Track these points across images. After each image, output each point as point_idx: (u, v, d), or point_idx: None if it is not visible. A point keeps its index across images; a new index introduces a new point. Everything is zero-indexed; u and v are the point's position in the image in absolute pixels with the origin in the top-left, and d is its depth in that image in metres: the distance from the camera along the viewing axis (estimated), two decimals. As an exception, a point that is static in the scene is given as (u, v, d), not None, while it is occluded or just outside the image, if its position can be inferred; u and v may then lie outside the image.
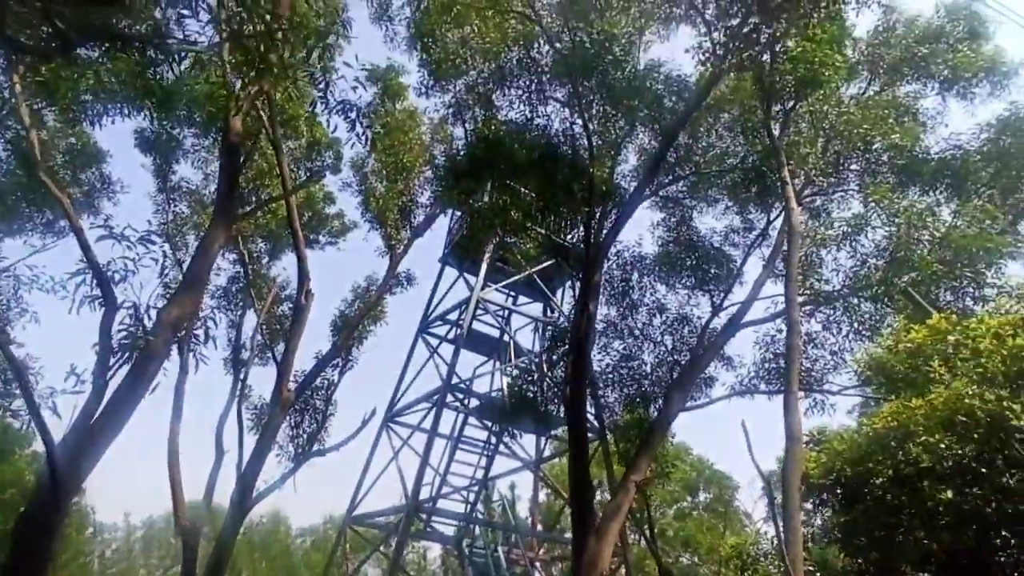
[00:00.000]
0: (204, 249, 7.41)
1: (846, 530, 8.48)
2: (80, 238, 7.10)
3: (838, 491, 8.59)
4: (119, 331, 6.56)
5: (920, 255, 10.73)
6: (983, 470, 6.57)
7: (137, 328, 6.82)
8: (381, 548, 16.08)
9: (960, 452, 6.71)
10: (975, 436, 6.70)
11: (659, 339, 15.68)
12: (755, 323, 13.31)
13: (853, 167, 13.13)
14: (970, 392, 6.80)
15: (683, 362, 14.45)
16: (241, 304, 14.38)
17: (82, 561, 19.91)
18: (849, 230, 12.12)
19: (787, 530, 7.55)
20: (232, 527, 10.62)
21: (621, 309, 16.07)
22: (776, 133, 11.51)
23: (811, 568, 8.77)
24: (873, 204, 11.60)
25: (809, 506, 9.22)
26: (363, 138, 8.34)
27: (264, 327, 13.80)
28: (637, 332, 15.96)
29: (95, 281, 6.75)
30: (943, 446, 6.75)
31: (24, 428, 11.65)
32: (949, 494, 6.50)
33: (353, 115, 8.04)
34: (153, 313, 6.89)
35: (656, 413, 13.17)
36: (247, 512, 10.99)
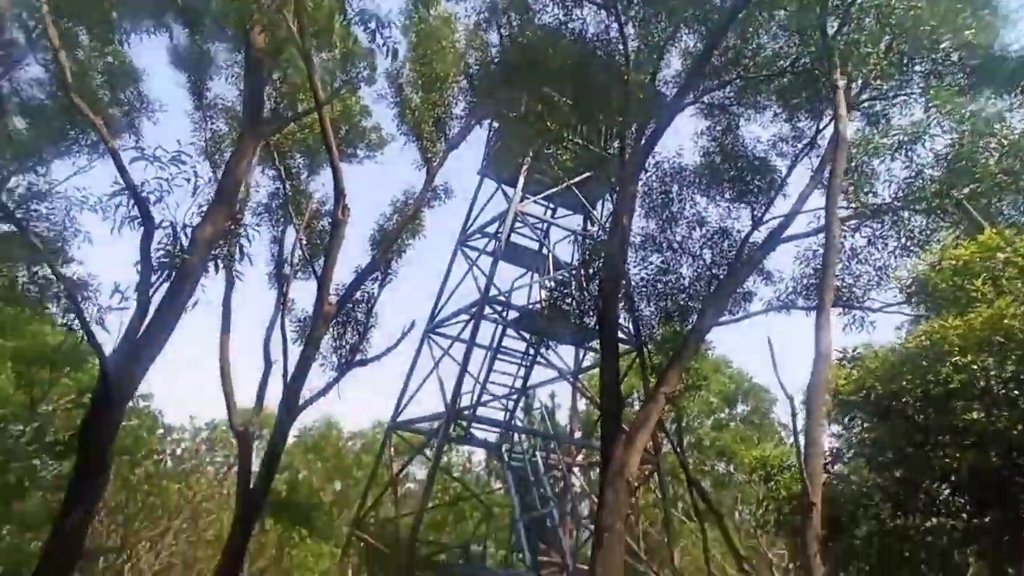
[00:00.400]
0: (233, 165, 7.57)
1: (873, 446, 8.51)
2: (116, 159, 7.33)
3: (868, 407, 8.55)
4: (157, 250, 6.88)
5: (983, 164, 10.00)
6: (1015, 392, 6.39)
7: (175, 246, 7.14)
8: (426, 452, 17.07)
9: (994, 374, 6.52)
10: (1012, 357, 6.48)
11: (698, 253, 15.43)
12: (797, 237, 12.86)
13: (918, 68, 12.05)
14: (1012, 312, 6.51)
15: (721, 276, 14.26)
16: (282, 219, 14.73)
17: (156, 458, 22.05)
18: (906, 138, 11.32)
19: (808, 444, 7.62)
20: (281, 431, 11.44)
21: (660, 222, 15.81)
22: (832, 31, 10.61)
23: (835, 482, 8.90)
24: (935, 109, 10.73)
25: (845, 421, 9.23)
26: (386, 49, 8.13)
27: (304, 242, 14.18)
28: (675, 245, 15.73)
29: (133, 202, 7.02)
30: (975, 367, 6.57)
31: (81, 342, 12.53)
32: (975, 415, 6.39)
33: (373, 25, 7.82)
34: (189, 232, 7.18)
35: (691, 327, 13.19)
36: (294, 418, 11.79)
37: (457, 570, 14.87)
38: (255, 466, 13.97)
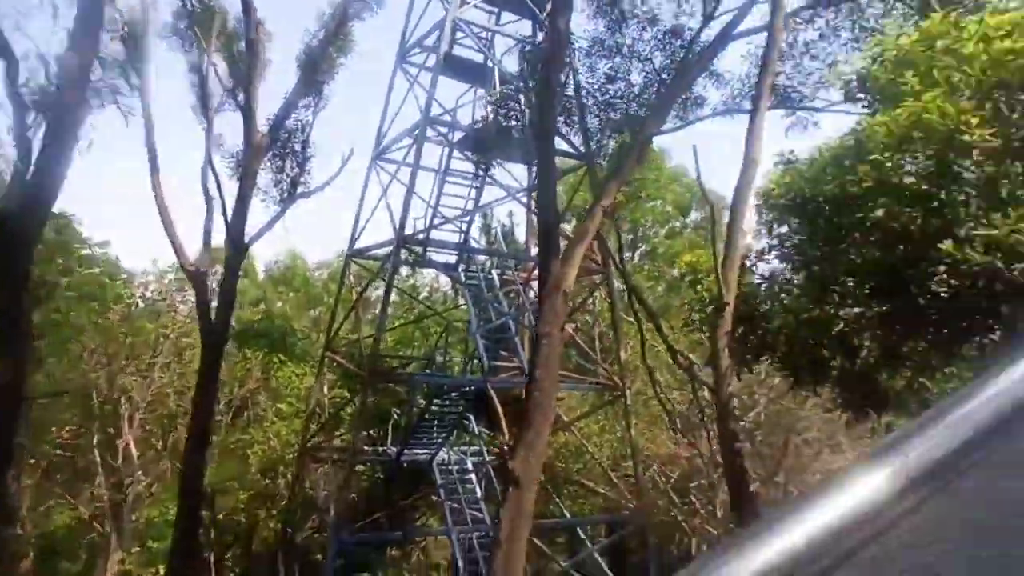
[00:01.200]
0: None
1: (796, 247, 8.82)
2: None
3: (794, 209, 8.71)
4: (23, 86, 6.25)
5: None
6: (923, 187, 6.48)
7: (48, 81, 6.48)
8: (384, 278, 17.44)
9: (908, 170, 6.55)
10: (928, 154, 6.46)
11: (648, 56, 14.69)
12: (748, 33, 12.12)
13: None
14: (935, 106, 6.34)
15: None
16: (195, 45, 13.36)
17: (128, 302, 22.44)
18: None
19: (727, 247, 7.87)
20: (231, 267, 11.48)
21: (609, 22, 14.89)
22: None
23: (758, 283, 9.33)
24: None
25: (773, 224, 9.45)
26: None
27: (220, 68, 13.04)
28: (625, 49, 14.94)
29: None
30: (889, 165, 6.58)
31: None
32: (879, 212, 6.53)
33: None
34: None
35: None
36: (242, 253, 11.80)
37: (421, 378, 16.07)
38: (214, 302, 14.29)
